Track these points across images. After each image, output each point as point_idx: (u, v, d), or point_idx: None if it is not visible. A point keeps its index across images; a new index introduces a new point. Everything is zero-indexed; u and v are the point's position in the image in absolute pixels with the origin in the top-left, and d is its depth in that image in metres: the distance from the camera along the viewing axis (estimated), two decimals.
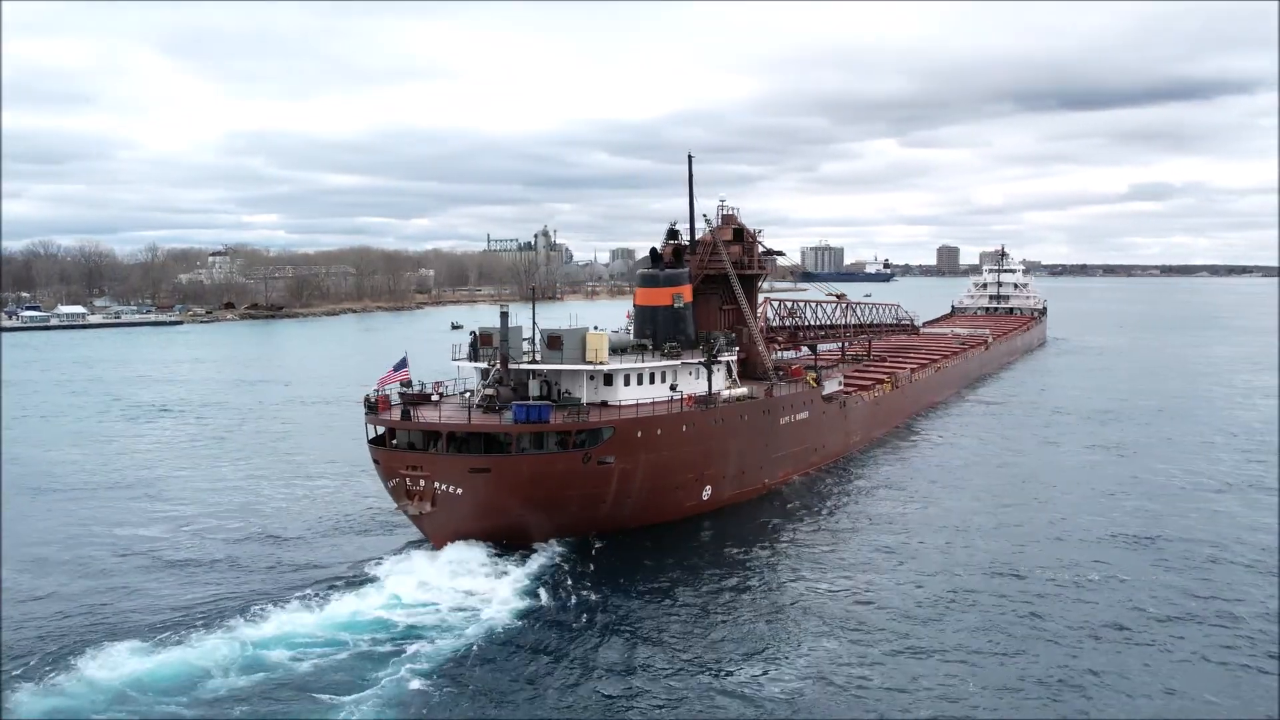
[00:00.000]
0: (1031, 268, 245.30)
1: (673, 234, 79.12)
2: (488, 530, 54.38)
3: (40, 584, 51.69)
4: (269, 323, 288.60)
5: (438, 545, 54.26)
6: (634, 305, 74.47)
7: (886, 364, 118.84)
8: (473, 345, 65.57)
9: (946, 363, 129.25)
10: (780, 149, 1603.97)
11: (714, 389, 66.39)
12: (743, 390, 70.97)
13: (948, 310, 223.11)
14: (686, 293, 73.40)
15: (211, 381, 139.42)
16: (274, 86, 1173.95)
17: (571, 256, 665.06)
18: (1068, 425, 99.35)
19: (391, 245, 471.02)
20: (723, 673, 40.87)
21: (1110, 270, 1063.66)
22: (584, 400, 61.20)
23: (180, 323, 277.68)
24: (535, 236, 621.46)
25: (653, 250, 77.06)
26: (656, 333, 70.65)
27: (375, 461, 57.77)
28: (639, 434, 58.10)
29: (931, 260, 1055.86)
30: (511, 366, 61.92)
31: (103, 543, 59.13)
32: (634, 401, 61.37)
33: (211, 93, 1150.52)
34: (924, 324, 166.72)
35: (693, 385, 66.62)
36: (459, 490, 53.57)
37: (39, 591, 50.49)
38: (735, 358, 75.71)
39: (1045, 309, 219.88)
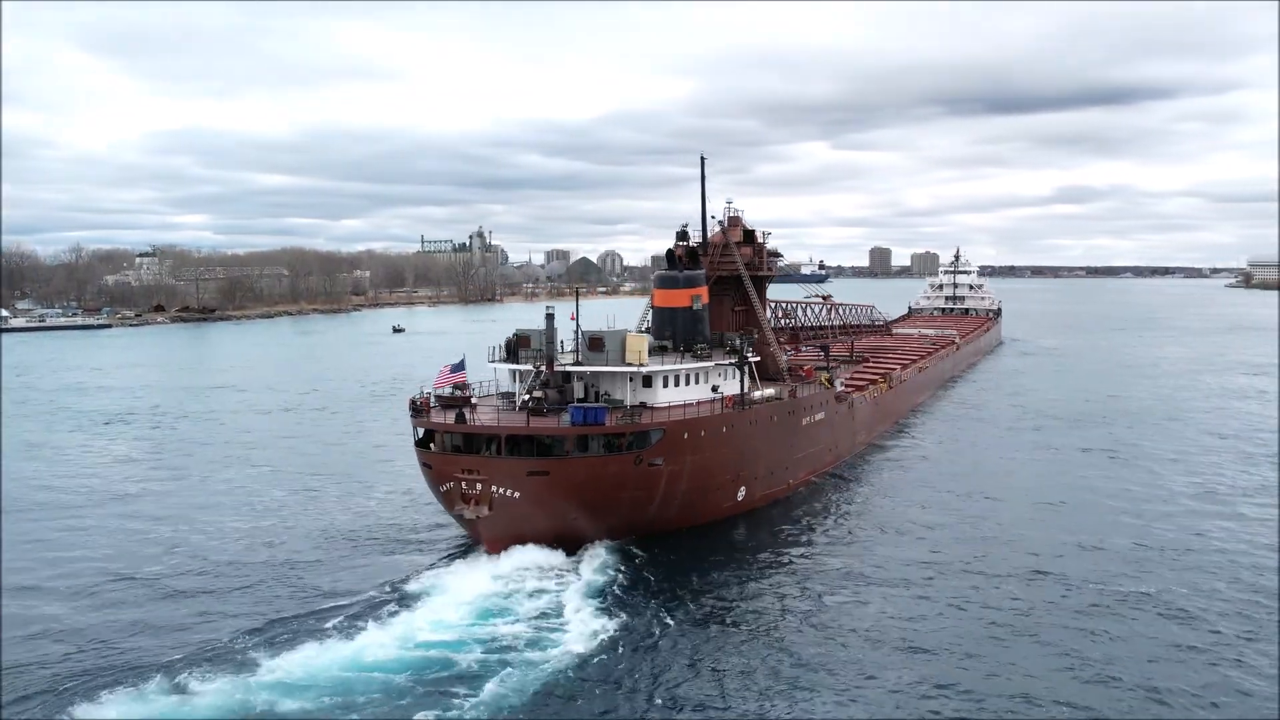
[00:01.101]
0: (939, 269, 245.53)
1: (682, 236, 78.06)
2: (542, 534, 53.40)
3: (36, 615, 46.54)
4: (202, 326, 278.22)
5: (492, 550, 53.01)
6: (652, 306, 74.41)
7: (870, 364, 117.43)
8: (509, 347, 64.94)
9: (926, 362, 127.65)
10: (713, 151, 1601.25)
11: (745, 390, 65.95)
12: (770, 391, 70.42)
13: (904, 311, 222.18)
14: (704, 294, 73.37)
15: (157, 388, 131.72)
16: (201, 85, 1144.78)
17: (507, 258, 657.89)
18: (1056, 430, 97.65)
19: (323, 246, 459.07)
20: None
21: (1038, 271, 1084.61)
22: (626, 402, 60.78)
23: (109, 326, 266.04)
24: (470, 238, 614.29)
25: (669, 252, 75.56)
26: (676, 334, 70.47)
27: (425, 465, 56.91)
28: (685, 435, 57.79)
29: (864, 262, 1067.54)
30: (556, 368, 61.42)
31: (97, 567, 53.70)
32: (671, 403, 61.20)
33: (136, 91, 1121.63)
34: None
35: (723, 387, 66.40)
36: (516, 494, 52.76)
37: (35, 626, 45.18)
38: (755, 359, 73.99)
39: (1000, 310, 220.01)
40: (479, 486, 53.16)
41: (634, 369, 61.26)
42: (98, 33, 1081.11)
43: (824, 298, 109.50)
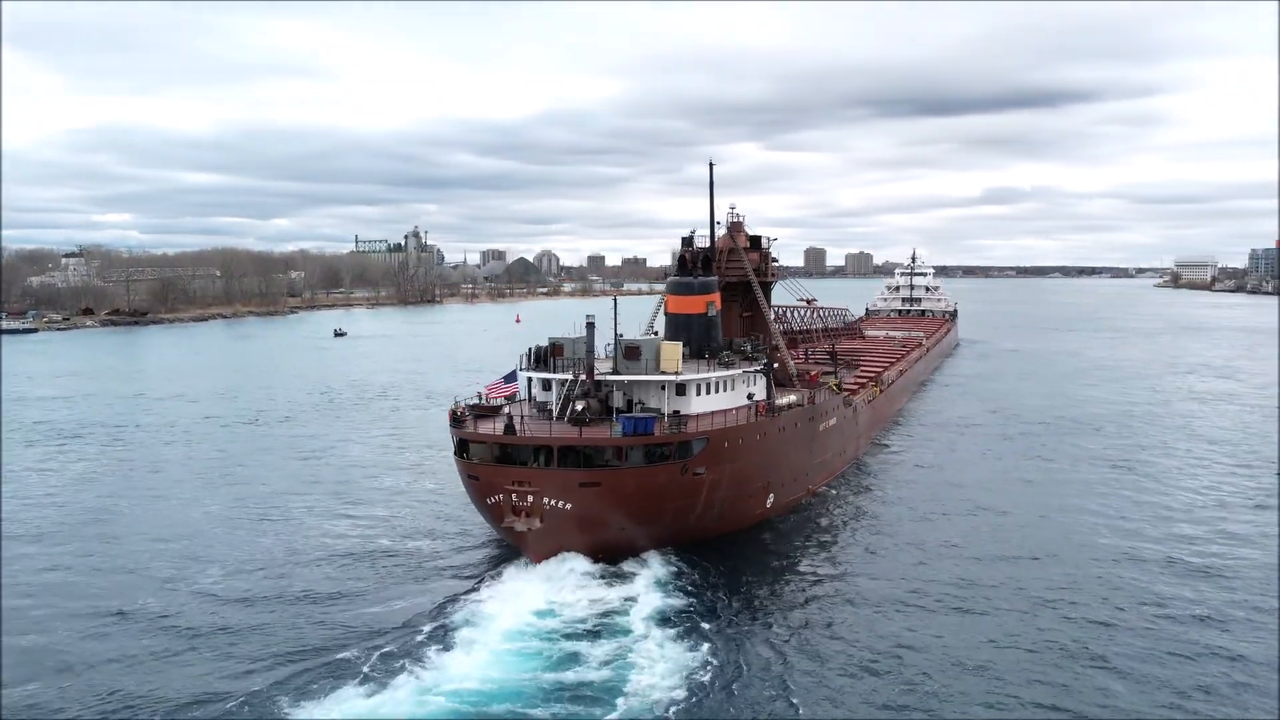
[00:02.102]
0: (893, 268, 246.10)
1: (687, 242, 77.66)
2: (589, 545, 52.96)
3: (25, 658, 41.95)
4: (133, 330, 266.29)
5: (537, 561, 52.07)
6: (665, 313, 73.18)
7: (856, 367, 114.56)
8: (538, 355, 64.33)
9: (905, 365, 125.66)
10: (644, 151, 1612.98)
11: (773, 397, 66.38)
12: (793, 397, 69.79)
13: (862, 313, 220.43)
14: (718, 300, 72.87)
15: (102, 399, 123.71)
16: (124, 81, 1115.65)
17: (443, 258, 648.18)
18: (1039, 434, 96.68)
19: (253, 246, 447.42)
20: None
21: (969, 271, 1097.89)
22: (664, 411, 59.69)
23: (35, 330, 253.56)
24: (406, 238, 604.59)
25: (681, 258, 74.36)
26: (691, 340, 69.37)
27: (471, 478, 55.81)
28: (726, 444, 57.68)
29: (799, 262, 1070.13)
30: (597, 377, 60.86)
31: (89, 606, 48.53)
32: (705, 411, 61.37)
33: (58, 87, 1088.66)
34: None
35: (745, 392, 66.78)
36: (568, 505, 52.15)
37: (27, 669, 40.71)
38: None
39: (956, 312, 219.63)
40: (530, 498, 52.28)
41: (670, 378, 61.09)
42: (19, 27, 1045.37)
43: (808, 301, 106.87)
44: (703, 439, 56.04)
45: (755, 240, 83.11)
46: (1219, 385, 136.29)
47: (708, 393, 63.25)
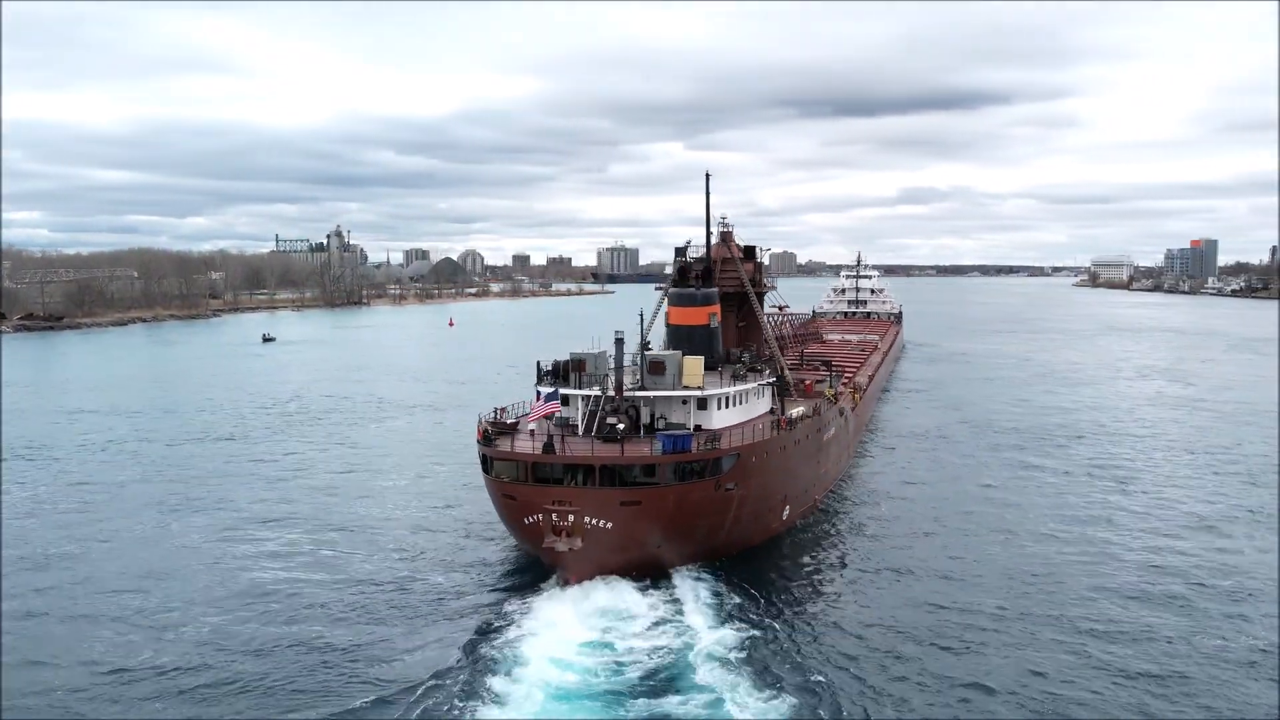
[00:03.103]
0: (816, 268, 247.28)
1: (680, 252, 78.05)
2: (626, 563, 52.35)
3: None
4: (49, 336, 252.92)
5: (575, 581, 50.80)
6: (667, 324, 72.92)
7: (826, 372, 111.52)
8: (558, 370, 63.33)
9: (869, 369, 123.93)
10: (567, 150, 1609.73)
11: (785, 409, 67.54)
12: (802, 408, 69.84)
13: (809, 314, 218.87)
14: (718, 311, 72.48)
15: (33, 414, 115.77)
16: (30, 76, 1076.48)
17: (366, 258, 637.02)
18: (1022, 445, 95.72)
19: (167, 245, 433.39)
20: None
21: (890, 270, 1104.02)
22: (690, 425, 60.17)
23: None
24: (328, 237, 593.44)
25: (681, 268, 74.86)
26: (694, 352, 67.33)
27: (508, 498, 54.61)
28: (754, 459, 57.69)
29: None
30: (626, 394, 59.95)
31: (78, 659, 43.80)
32: (724, 425, 61.17)
33: None
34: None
35: (759, 406, 67.71)
36: (609, 524, 51.50)
37: None
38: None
39: (901, 314, 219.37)
40: (570, 518, 51.44)
41: (693, 393, 60.96)
42: None
43: (780, 308, 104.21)
44: (733, 455, 55.76)
45: (749, 251, 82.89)
46: (1176, 390, 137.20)
47: (727, 407, 63.28)
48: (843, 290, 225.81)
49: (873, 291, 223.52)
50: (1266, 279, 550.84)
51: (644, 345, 77.11)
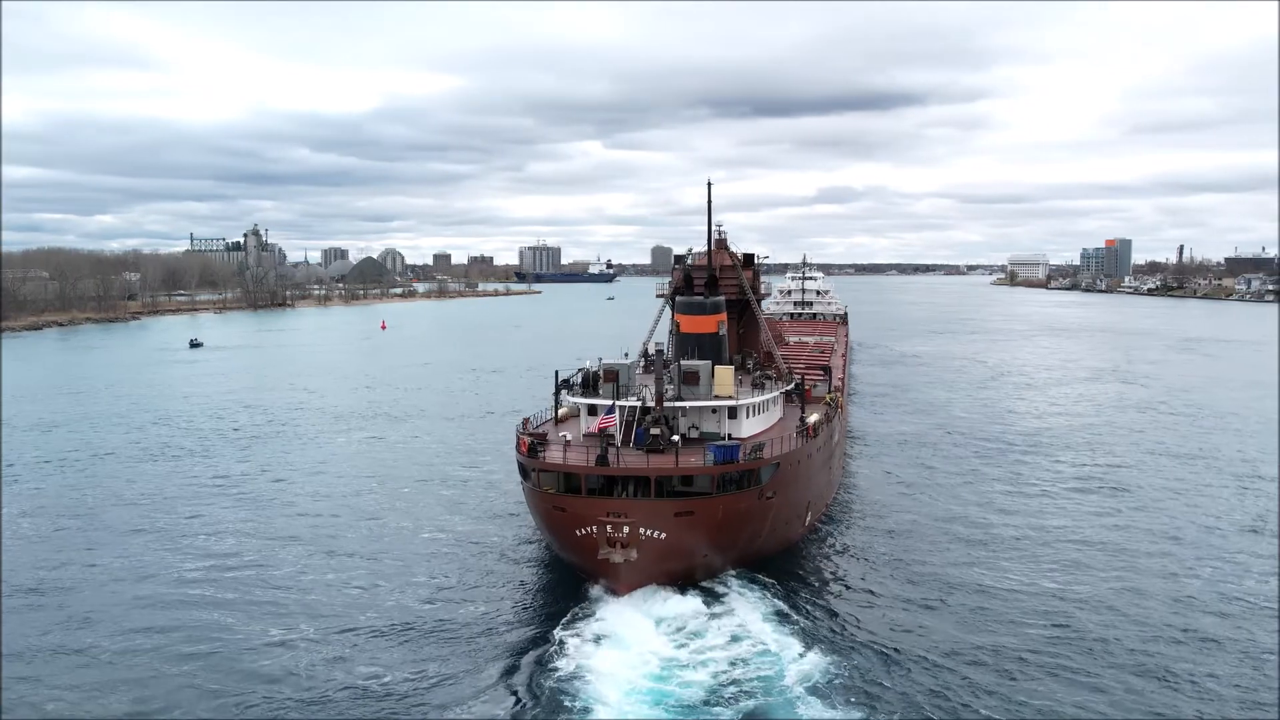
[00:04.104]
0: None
1: (679, 260, 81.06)
2: (673, 573, 52.86)
3: None
4: None
5: (625, 591, 51.19)
6: (677, 332, 72.42)
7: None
8: (587, 380, 64.40)
9: (839, 372, 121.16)
10: (487, 148, 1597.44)
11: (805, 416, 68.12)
12: (818, 416, 69.86)
13: None
14: (725, 318, 73.04)
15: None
16: None
17: (285, 257, 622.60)
18: (1006, 453, 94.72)
19: (74, 244, 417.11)
20: None
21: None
22: (724, 435, 61.65)
23: None
24: (245, 236, 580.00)
25: (688, 277, 76.60)
26: (704, 359, 67.53)
27: (558, 509, 54.38)
28: (789, 467, 58.74)
29: (646, 260, 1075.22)
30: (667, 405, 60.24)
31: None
32: (752, 433, 63.03)
33: None
34: None
35: (775, 413, 69.20)
36: (663, 535, 51.88)
37: None
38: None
39: (846, 315, 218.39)
40: (626, 529, 51.67)
41: (726, 402, 62.29)
42: None
43: None
44: (774, 464, 56.74)
45: (749, 258, 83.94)
46: (1136, 393, 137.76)
47: (754, 415, 64.76)
48: (789, 291, 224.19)
49: (818, 293, 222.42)
50: (1181, 278, 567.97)
51: (644, 354, 78.99)
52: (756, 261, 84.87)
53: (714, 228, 78.42)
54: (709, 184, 75.24)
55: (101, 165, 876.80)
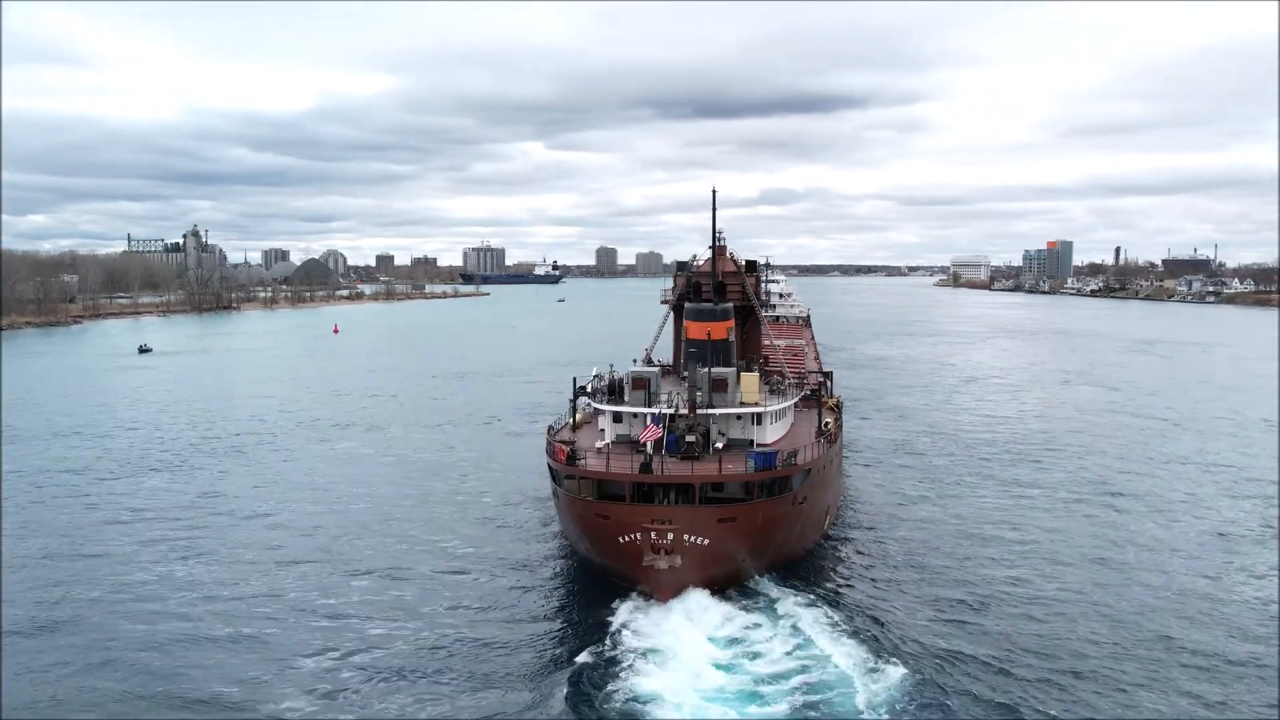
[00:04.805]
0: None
1: (683, 266, 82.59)
2: (712, 578, 53.31)
3: None
4: None
5: (666, 599, 51.67)
6: (686, 338, 73.59)
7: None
8: (614, 387, 64.99)
9: (822, 375, 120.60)
10: (427, 148, 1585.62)
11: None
12: (829, 420, 71.56)
13: None
14: (733, 325, 73.85)
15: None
16: None
17: (226, 258, 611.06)
18: (1000, 459, 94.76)
19: (7, 245, 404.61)
20: None
21: None
22: (754, 441, 62.58)
23: None
24: (185, 236, 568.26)
25: (695, 283, 76.82)
26: (714, 365, 69.55)
27: (601, 517, 54.59)
28: (818, 472, 60.10)
29: (591, 261, 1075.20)
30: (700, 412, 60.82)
31: None
32: (774, 439, 64.00)
33: None
34: None
35: (790, 418, 70.02)
36: (705, 541, 52.60)
37: None
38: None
39: (809, 317, 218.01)
40: (670, 536, 52.34)
41: (754, 409, 63.31)
42: None
43: None
44: (805, 470, 57.58)
45: (751, 264, 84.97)
46: (1109, 397, 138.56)
47: (776, 421, 65.65)
48: None
49: (781, 295, 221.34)
50: (1123, 279, 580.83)
51: (648, 361, 78.93)
52: (761, 269, 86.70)
53: (719, 234, 78.24)
54: (714, 191, 75.59)
55: (32, 164, 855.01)
